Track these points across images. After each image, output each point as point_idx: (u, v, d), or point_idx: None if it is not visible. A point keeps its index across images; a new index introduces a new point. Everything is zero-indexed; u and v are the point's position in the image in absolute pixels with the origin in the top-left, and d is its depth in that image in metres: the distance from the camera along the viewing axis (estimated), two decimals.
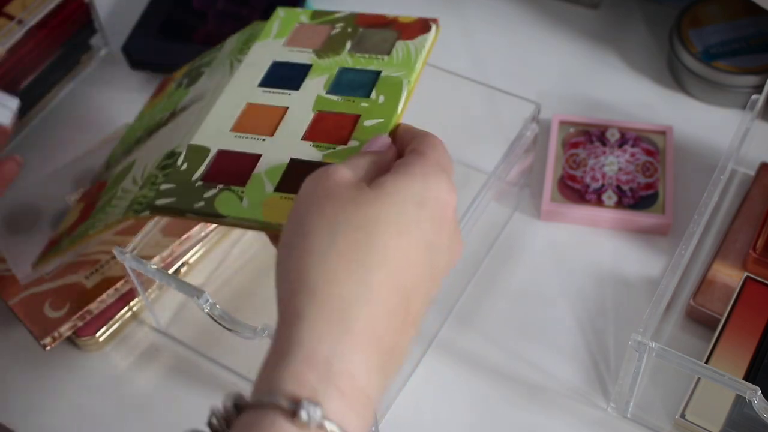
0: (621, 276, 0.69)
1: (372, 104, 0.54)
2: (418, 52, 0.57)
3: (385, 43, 0.58)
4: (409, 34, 0.59)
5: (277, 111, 0.55)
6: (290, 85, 0.57)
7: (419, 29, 0.59)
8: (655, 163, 0.73)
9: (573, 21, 0.87)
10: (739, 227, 0.69)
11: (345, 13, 0.62)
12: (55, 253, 0.60)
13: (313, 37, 0.60)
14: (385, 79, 0.56)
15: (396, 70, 0.56)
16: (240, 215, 0.49)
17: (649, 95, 0.81)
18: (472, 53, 0.85)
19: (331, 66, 0.57)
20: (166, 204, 0.50)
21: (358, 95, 0.55)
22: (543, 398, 0.63)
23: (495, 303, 0.68)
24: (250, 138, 0.54)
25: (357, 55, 0.58)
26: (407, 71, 0.56)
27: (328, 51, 0.59)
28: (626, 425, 0.62)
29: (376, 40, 0.59)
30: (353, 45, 0.59)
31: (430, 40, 0.59)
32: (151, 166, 0.56)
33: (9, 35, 0.75)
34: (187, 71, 0.69)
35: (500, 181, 0.64)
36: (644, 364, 0.56)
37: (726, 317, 0.62)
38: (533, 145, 0.68)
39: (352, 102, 0.54)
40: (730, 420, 0.58)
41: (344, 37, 0.59)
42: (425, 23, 0.59)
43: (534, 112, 0.66)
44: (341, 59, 0.58)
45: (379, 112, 0.53)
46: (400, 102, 0.54)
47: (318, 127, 0.53)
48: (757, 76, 0.76)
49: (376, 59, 0.57)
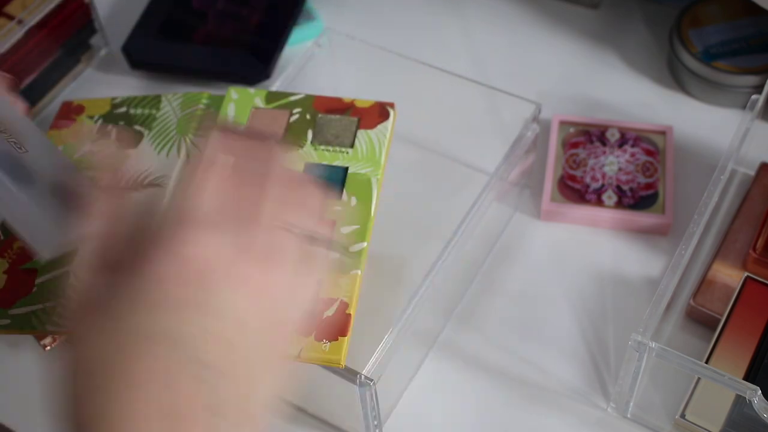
0: (621, 276, 0.69)
1: (345, 207, 0.55)
2: (381, 144, 0.59)
3: (347, 132, 0.60)
4: (368, 122, 0.60)
5: None
6: None
7: (377, 115, 0.60)
8: (655, 163, 0.73)
9: (573, 21, 0.87)
10: (739, 227, 0.69)
11: (301, 96, 0.62)
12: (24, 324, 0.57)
13: (273, 125, 0.61)
14: (353, 177, 0.57)
15: (362, 165, 0.58)
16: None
17: (649, 95, 0.81)
18: (472, 53, 0.85)
19: (295, 161, 0.58)
20: None
21: (330, 197, 0.54)
22: (543, 398, 0.63)
23: (495, 303, 0.68)
24: None
25: (321, 147, 0.59)
26: (374, 167, 0.58)
27: (290, 143, 0.59)
28: (626, 425, 0.62)
29: (337, 129, 0.60)
30: (315, 134, 0.60)
31: (390, 128, 0.61)
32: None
33: (9, 35, 0.75)
34: (106, 114, 0.66)
35: (502, 181, 0.64)
36: (644, 364, 0.56)
37: (726, 317, 0.62)
38: (534, 146, 0.68)
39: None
40: (730, 420, 0.58)
41: (304, 125, 0.60)
42: (383, 109, 0.61)
43: (534, 112, 0.66)
44: (305, 153, 0.59)
45: (353, 217, 0.55)
46: (372, 203, 0.56)
47: None
48: (757, 76, 0.76)
49: (341, 152, 0.59)
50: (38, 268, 0.56)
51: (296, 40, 0.84)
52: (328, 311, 0.51)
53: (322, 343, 0.50)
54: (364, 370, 0.53)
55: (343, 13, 0.88)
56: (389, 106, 0.62)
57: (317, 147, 0.59)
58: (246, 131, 0.43)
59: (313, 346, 0.50)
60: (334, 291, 0.52)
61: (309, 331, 0.50)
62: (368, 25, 0.87)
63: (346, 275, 0.52)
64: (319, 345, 0.50)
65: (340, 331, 0.51)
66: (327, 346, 0.50)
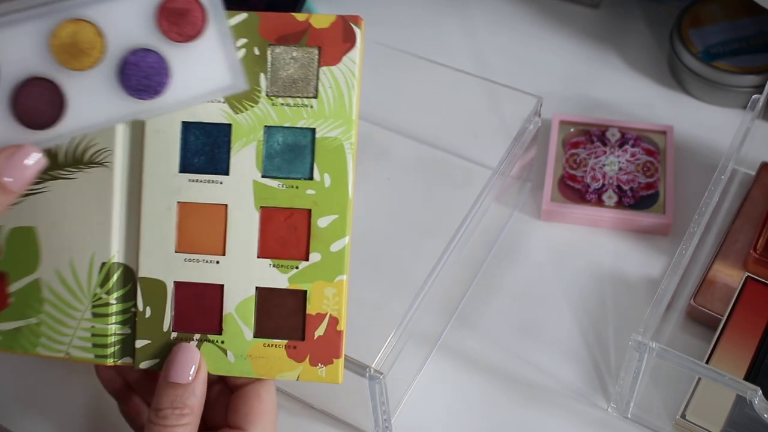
0: (621, 276, 0.69)
1: (318, 190, 0.49)
2: (350, 89, 0.49)
3: (307, 73, 0.49)
4: (331, 53, 0.49)
5: (217, 212, 0.50)
6: (216, 166, 0.50)
7: (341, 40, 0.49)
8: (655, 163, 0.73)
9: (573, 20, 0.87)
10: (739, 227, 0.69)
11: (243, 17, 0.49)
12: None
13: None
14: (322, 145, 0.49)
15: (331, 124, 0.49)
16: (230, 372, 0.49)
17: (649, 95, 0.81)
18: (471, 53, 0.85)
19: (254, 125, 0.49)
20: (152, 366, 0.50)
21: (299, 175, 0.49)
22: (543, 398, 0.63)
23: (496, 303, 0.68)
24: (202, 261, 0.49)
25: (279, 102, 0.49)
26: (345, 126, 0.49)
27: (242, 97, 0.49)
28: (626, 425, 0.61)
29: (294, 69, 0.49)
30: (269, 82, 0.49)
31: (358, 61, 0.49)
32: (83, 281, 0.50)
33: None
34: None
35: (504, 176, 0.64)
36: (644, 364, 0.56)
37: (726, 317, 0.61)
38: (535, 140, 0.68)
39: (295, 189, 0.49)
40: (731, 420, 0.58)
41: (255, 67, 0.49)
42: (347, 29, 0.49)
43: (536, 105, 0.66)
44: (262, 112, 0.49)
45: (330, 203, 0.49)
46: (348, 181, 0.49)
47: (270, 235, 0.49)
48: (758, 76, 0.76)
49: (304, 108, 0.49)
50: (8, 272, 0.51)
51: None
52: (318, 331, 0.49)
53: (318, 368, 0.49)
54: (373, 364, 0.53)
55: (343, 12, 0.88)
56: (354, 22, 0.49)
57: (274, 101, 0.49)
58: None
59: (308, 371, 0.49)
60: (321, 305, 0.49)
61: (303, 356, 0.49)
62: (368, 24, 0.87)
63: (332, 283, 0.49)
64: (315, 370, 0.49)
65: (334, 353, 0.49)
66: (323, 370, 0.49)
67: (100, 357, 0.50)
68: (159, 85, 0.46)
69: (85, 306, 0.50)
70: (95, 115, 0.47)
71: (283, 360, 0.49)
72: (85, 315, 0.50)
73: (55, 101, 0.46)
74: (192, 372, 0.48)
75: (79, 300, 0.50)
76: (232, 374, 0.49)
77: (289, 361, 0.49)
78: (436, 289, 0.57)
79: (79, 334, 0.50)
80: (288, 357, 0.49)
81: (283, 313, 0.49)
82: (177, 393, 0.47)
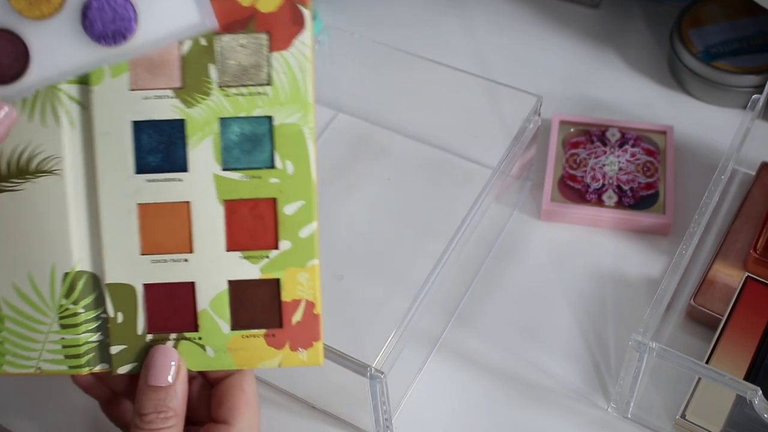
0: (621, 276, 0.69)
1: (282, 178, 0.48)
2: (304, 72, 0.48)
3: (258, 60, 0.48)
4: (281, 37, 0.47)
5: (180, 210, 0.49)
6: (174, 164, 0.48)
7: (290, 23, 0.47)
8: (655, 163, 0.73)
9: (573, 20, 0.87)
10: (739, 227, 0.69)
11: None
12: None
13: (163, 66, 0.48)
14: (282, 132, 0.48)
15: (288, 110, 0.48)
16: (211, 366, 0.49)
17: (649, 95, 0.81)
18: (471, 53, 0.85)
19: (208, 118, 0.48)
20: (131, 370, 0.49)
21: (260, 164, 0.48)
22: (543, 398, 0.63)
23: (496, 303, 0.68)
24: (170, 260, 0.49)
25: (232, 92, 0.48)
26: (302, 110, 0.48)
27: (193, 90, 0.48)
28: (626, 425, 0.61)
29: (244, 57, 0.48)
30: (220, 73, 0.48)
31: (309, 43, 0.47)
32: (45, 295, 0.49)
33: None
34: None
35: (504, 175, 0.64)
36: (644, 364, 0.56)
37: (726, 317, 0.61)
38: (535, 139, 0.68)
39: (258, 180, 0.48)
40: (731, 420, 0.58)
41: (202, 59, 0.47)
42: (295, 11, 0.47)
43: (536, 104, 0.66)
44: (216, 104, 0.48)
45: (295, 190, 0.48)
46: (310, 165, 0.48)
47: (237, 227, 0.48)
48: (758, 76, 0.76)
49: (259, 96, 0.48)
50: None
51: None
52: (296, 316, 0.49)
53: (299, 353, 0.49)
54: (374, 363, 0.53)
55: (344, 12, 0.88)
56: (301, 3, 0.47)
57: (227, 92, 0.48)
58: None
59: (289, 357, 0.49)
60: (296, 291, 0.49)
61: (282, 343, 0.49)
62: (369, 24, 0.87)
63: (304, 269, 0.49)
64: (296, 355, 0.49)
65: (313, 336, 0.49)
66: (304, 354, 0.49)
67: (74, 367, 0.49)
68: (126, 30, 0.44)
69: (51, 318, 0.49)
70: (61, 65, 0.44)
71: (263, 349, 0.49)
72: (53, 327, 0.49)
73: (18, 53, 0.44)
74: (172, 373, 0.48)
75: (43, 313, 0.49)
76: (213, 369, 0.49)
77: (269, 349, 0.49)
78: (436, 289, 0.57)
79: (48, 347, 0.49)
80: (268, 345, 0.49)
81: (258, 304, 0.49)
82: (159, 396, 0.47)
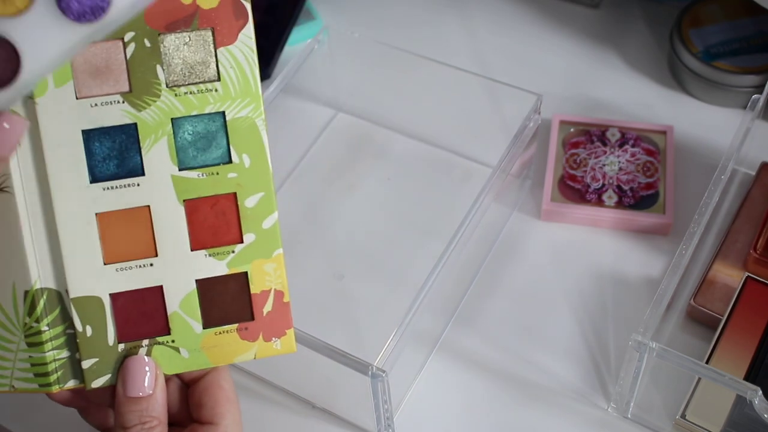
0: (621, 276, 0.69)
1: (240, 172, 0.48)
2: (251, 65, 0.48)
3: (205, 56, 0.47)
4: (226, 32, 0.47)
5: (140, 215, 0.48)
6: (130, 169, 0.48)
7: (233, 17, 0.47)
8: (655, 163, 0.73)
9: (573, 20, 0.87)
10: (739, 227, 0.69)
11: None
12: None
13: (108, 71, 0.47)
14: (235, 126, 0.48)
15: (239, 104, 0.48)
16: (188, 368, 0.49)
17: (649, 95, 0.81)
18: (471, 53, 0.85)
19: (160, 120, 0.47)
20: (106, 383, 0.49)
21: (217, 161, 0.48)
22: (543, 398, 0.63)
23: (496, 303, 0.68)
24: (135, 267, 0.48)
25: (182, 91, 0.47)
26: (253, 103, 0.48)
27: (142, 93, 0.47)
28: (626, 425, 0.61)
29: (190, 54, 0.47)
30: (167, 73, 0.47)
31: (254, 34, 0.48)
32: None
33: None
34: None
35: (504, 173, 0.64)
36: (644, 364, 0.56)
37: (726, 317, 0.61)
38: (535, 138, 0.68)
39: (216, 176, 0.48)
40: (731, 420, 0.58)
41: (148, 60, 0.47)
42: (236, 5, 0.47)
43: (536, 103, 0.66)
44: (167, 105, 0.47)
45: (254, 182, 0.48)
46: (267, 157, 0.48)
47: (199, 226, 0.48)
48: (758, 76, 0.76)
49: (209, 92, 0.48)
50: None
51: (296, 40, 0.84)
52: (266, 307, 0.49)
53: (273, 342, 0.49)
54: (375, 362, 0.54)
55: (344, 12, 0.88)
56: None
57: (177, 91, 0.47)
58: None
59: (264, 348, 0.49)
60: (264, 282, 0.49)
61: (255, 335, 0.49)
62: (369, 25, 0.87)
63: (270, 259, 0.49)
64: (270, 345, 0.49)
65: (285, 325, 0.49)
66: (278, 343, 0.49)
67: (43, 386, 0.49)
68: (103, 1, 0.42)
69: (18, 337, 0.49)
70: (51, 54, 0.42)
71: (237, 343, 0.49)
72: (21, 346, 0.49)
73: (8, 54, 0.42)
74: (149, 382, 0.47)
75: (10, 332, 0.49)
76: (189, 369, 0.49)
77: (244, 343, 0.49)
78: (436, 289, 0.57)
79: (18, 365, 0.49)
80: (241, 339, 0.49)
81: (227, 299, 0.49)
82: (141, 407, 0.47)
